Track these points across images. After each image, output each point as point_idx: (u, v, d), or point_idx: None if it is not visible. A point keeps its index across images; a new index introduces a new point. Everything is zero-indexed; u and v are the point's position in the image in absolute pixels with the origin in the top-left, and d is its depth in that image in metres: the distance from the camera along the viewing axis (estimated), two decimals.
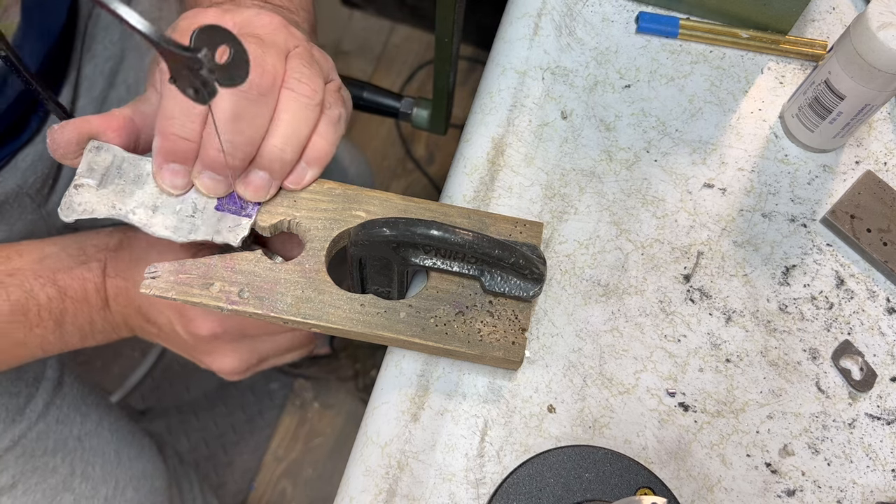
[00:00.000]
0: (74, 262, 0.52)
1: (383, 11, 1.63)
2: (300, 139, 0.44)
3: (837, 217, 0.54)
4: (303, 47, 0.45)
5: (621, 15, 0.61)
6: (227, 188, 0.44)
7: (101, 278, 0.52)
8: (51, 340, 0.53)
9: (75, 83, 0.68)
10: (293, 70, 0.43)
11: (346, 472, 0.48)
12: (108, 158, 0.45)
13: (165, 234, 0.44)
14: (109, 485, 0.75)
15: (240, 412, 1.35)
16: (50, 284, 0.51)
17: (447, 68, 0.72)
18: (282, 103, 0.42)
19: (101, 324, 0.54)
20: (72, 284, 0.51)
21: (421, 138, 1.55)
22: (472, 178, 0.55)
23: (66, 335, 0.53)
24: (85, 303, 0.52)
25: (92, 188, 0.44)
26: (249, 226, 0.45)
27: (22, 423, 0.68)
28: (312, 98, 0.43)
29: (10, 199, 0.64)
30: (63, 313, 0.51)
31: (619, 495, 0.45)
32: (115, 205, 0.44)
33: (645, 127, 0.57)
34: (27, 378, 0.69)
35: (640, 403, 0.49)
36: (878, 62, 0.48)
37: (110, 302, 0.53)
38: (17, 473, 0.67)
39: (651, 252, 0.53)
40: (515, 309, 0.45)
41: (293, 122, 0.43)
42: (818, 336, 0.51)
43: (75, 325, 0.53)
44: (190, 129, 0.42)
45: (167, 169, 0.43)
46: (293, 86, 0.43)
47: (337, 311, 0.44)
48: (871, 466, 0.48)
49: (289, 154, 0.43)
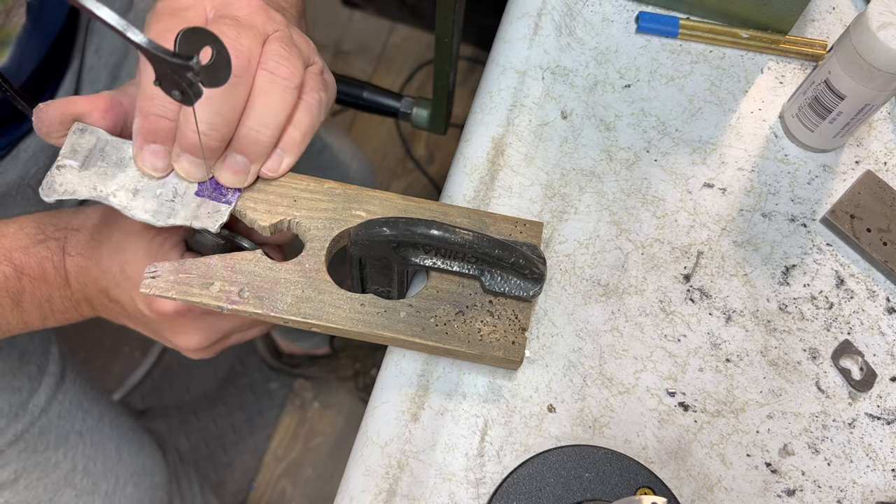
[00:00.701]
0: (31, 241, 0.51)
1: (383, 11, 1.63)
2: (277, 121, 0.44)
3: (837, 217, 0.54)
4: (282, 31, 0.45)
5: (621, 15, 0.61)
6: (205, 172, 0.44)
7: (61, 256, 0.51)
8: (9, 319, 0.52)
9: (78, 74, 0.68)
10: (271, 52, 0.43)
11: (345, 471, 0.48)
12: (91, 141, 0.45)
13: (145, 217, 0.44)
14: (110, 480, 0.75)
15: (239, 412, 1.35)
16: (6, 262, 0.50)
17: (447, 68, 0.72)
18: (258, 85, 0.42)
19: (61, 302, 0.53)
20: (29, 262, 0.51)
21: (421, 138, 1.55)
22: (472, 178, 0.55)
23: (25, 314, 0.53)
24: (43, 281, 0.51)
25: (74, 169, 0.44)
26: (229, 212, 0.45)
27: (25, 418, 0.68)
28: (291, 80, 0.43)
29: (12, 190, 0.64)
30: (20, 292, 0.51)
31: (619, 495, 0.45)
32: (96, 186, 0.44)
33: (645, 127, 0.57)
34: (30, 372, 0.70)
35: (640, 403, 0.49)
36: (878, 62, 0.48)
37: (70, 280, 0.52)
38: (19, 468, 0.68)
39: (651, 252, 0.53)
40: (515, 309, 0.45)
41: (270, 105, 0.43)
42: (818, 336, 0.51)
43: (33, 304, 0.52)
44: (170, 108, 0.42)
45: (147, 150, 0.43)
46: (271, 67, 0.43)
47: (337, 311, 0.44)
48: (871, 466, 0.48)
49: (265, 136, 0.43)
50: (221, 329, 0.54)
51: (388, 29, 1.64)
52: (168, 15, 0.43)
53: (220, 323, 0.54)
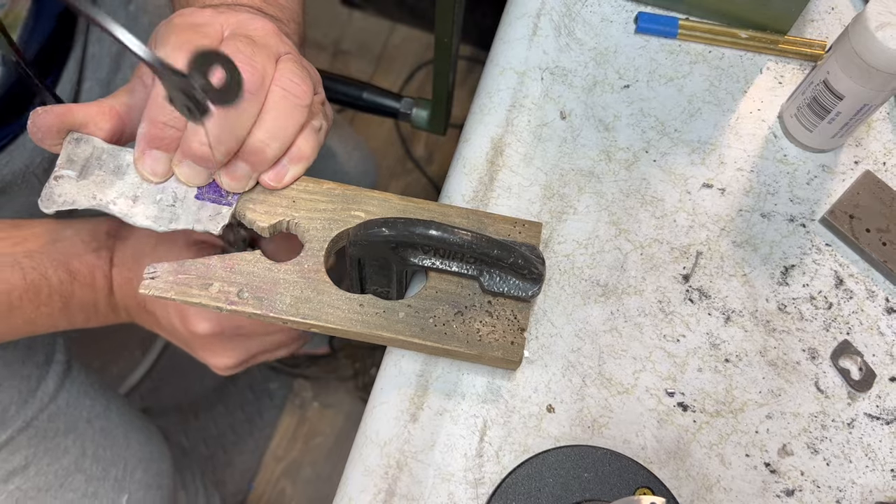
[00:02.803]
0: (86, 249, 0.53)
1: (383, 11, 1.63)
2: (286, 137, 0.44)
3: (836, 217, 0.54)
4: (293, 53, 0.45)
5: (620, 15, 0.61)
6: (206, 178, 0.45)
7: (109, 266, 0.54)
8: (56, 318, 0.55)
9: (81, 63, 0.68)
10: (285, 70, 0.43)
11: (345, 471, 0.48)
12: (87, 150, 0.45)
13: (146, 223, 0.44)
14: (119, 466, 0.76)
15: (239, 412, 1.35)
16: (63, 269, 0.52)
17: (447, 68, 0.73)
18: (270, 101, 0.43)
19: (105, 308, 0.56)
20: (82, 270, 0.53)
21: (420, 138, 1.55)
22: (472, 178, 0.55)
23: (72, 315, 0.55)
24: (92, 288, 0.54)
25: (72, 179, 0.44)
26: (230, 214, 0.45)
27: (34, 405, 0.69)
28: (302, 99, 0.44)
29: (17, 178, 0.65)
30: (71, 295, 0.53)
31: (618, 495, 0.45)
32: (95, 195, 0.44)
33: (644, 127, 0.57)
34: (37, 360, 0.71)
35: (639, 403, 0.49)
36: (877, 62, 0.48)
37: (115, 289, 0.55)
38: (29, 454, 0.68)
39: (650, 252, 0.53)
40: (514, 309, 0.45)
41: (281, 119, 0.43)
42: (817, 336, 0.51)
43: (80, 307, 0.55)
44: (179, 118, 0.42)
45: (149, 155, 0.44)
46: (285, 84, 0.43)
47: (336, 312, 0.44)
48: (870, 466, 0.48)
49: (273, 149, 0.44)
50: (250, 350, 0.57)
51: (387, 29, 1.64)
52: (186, 29, 0.43)
53: (249, 344, 0.57)
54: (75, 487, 0.72)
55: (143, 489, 0.78)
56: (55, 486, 0.70)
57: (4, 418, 0.67)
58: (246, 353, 0.57)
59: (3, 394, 0.67)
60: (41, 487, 0.69)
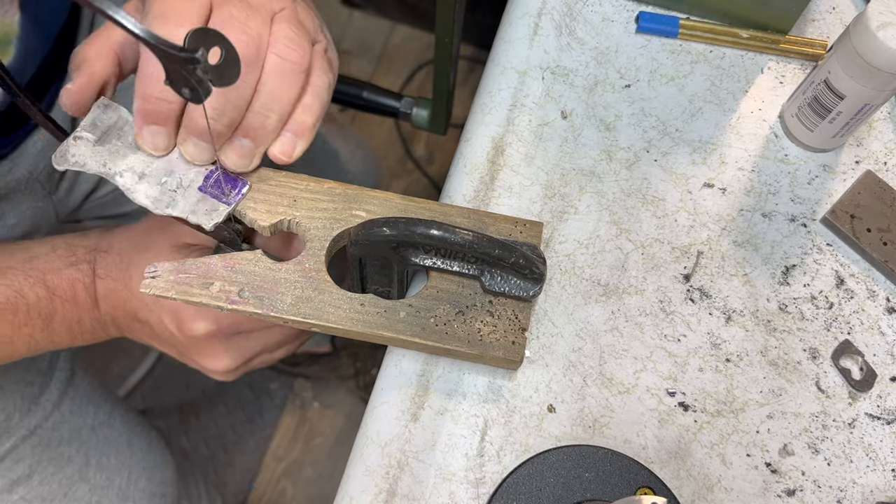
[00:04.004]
0: (64, 263, 0.52)
1: (383, 11, 1.63)
2: (284, 106, 0.43)
3: (837, 217, 0.54)
4: (289, 9, 0.44)
5: (621, 15, 0.61)
6: (210, 156, 0.44)
7: (91, 279, 0.52)
8: (38, 339, 0.53)
9: None
10: (280, 33, 0.42)
11: (345, 471, 0.48)
12: (112, 118, 0.45)
13: (145, 202, 0.44)
14: (123, 475, 0.75)
15: (240, 412, 1.35)
16: (39, 285, 0.51)
17: (447, 68, 0.73)
18: (267, 69, 0.42)
19: (90, 323, 0.54)
20: (61, 284, 0.51)
21: (421, 138, 1.55)
22: (472, 178, 0.55)
23: (55, 334, 0.53)
24: (74, 303, 0.52)
25: (89, 143, 0.44)
26: (226, 213, 0.45)
27: (38, 413, 0.68)
28: (300, 65, 0.43)
29: (20, 185, 0.64)
30: (52, 313, 0.52)
31: (619, 495, 0.45)
32: (106, 163, 0.44)
33: (645, 127, 0.57)
34: (41, 367, 0.70)
35: (640, 403, 0.49)
36: (878, 62, 0.48)
37: (100, 302, 0.53)
38: (33, 463, 0.68)
39: (651, 252, 0.53)
40: (515, 308, 0.45)
41: (279, 89, 0.42)
42: (818, 336, 0.51)
43: (64, 325, 0.53)
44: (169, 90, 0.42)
45: (147, 130, 0.43)
46: (280, 51, 0.42)
47: (337, 311, 0.44)
48: (870, 466, 0.48)
49: (272, 121, 0.43)
50: (249, 350, 0.55)
51: (388, 29, 1.64)
52: None
53: (247, 344, 0.55)
54: (79, 497, 0.71)
55: (147, 498, 0.77)
56: (59, 495, 0.70)
57: (8, 426, 0.66)
58: (245, 354, 0.55)
59: (7, 401, 0.66)
60: (45, 497, 0.69)
